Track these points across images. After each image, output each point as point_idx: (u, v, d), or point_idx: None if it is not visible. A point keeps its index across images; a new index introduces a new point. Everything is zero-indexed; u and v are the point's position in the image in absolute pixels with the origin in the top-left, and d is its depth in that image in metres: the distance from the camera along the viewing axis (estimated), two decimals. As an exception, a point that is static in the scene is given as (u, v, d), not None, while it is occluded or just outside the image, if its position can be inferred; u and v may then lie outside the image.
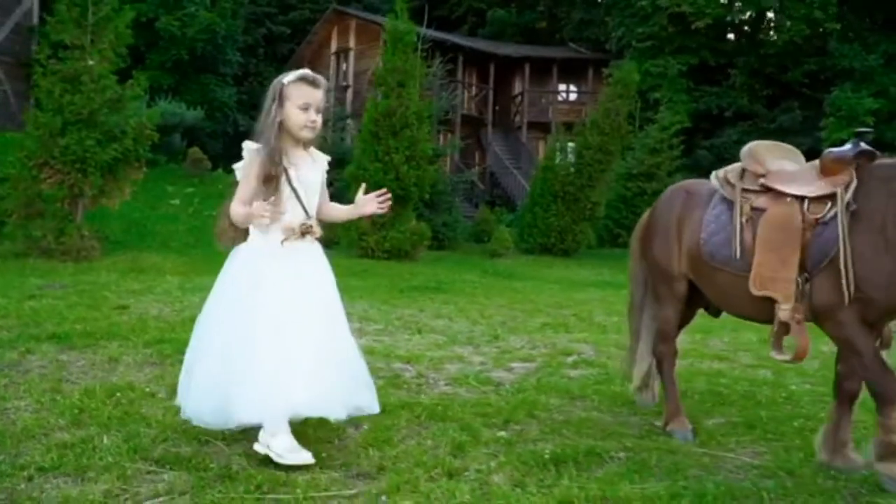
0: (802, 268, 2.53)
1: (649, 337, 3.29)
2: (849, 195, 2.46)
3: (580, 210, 15.60)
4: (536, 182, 16.18)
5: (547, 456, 2.47)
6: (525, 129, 24.94)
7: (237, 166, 2.54)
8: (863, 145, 2.55)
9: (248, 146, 2.49)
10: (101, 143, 9.32)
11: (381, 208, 2.64)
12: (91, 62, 9.59)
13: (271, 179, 2.43)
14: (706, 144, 23.14)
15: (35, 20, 18.54)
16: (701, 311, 3.31)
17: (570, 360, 4.58)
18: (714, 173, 2.96)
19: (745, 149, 2.87)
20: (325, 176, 2.64)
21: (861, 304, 2.42)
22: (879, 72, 21.03)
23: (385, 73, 12.54)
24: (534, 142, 24.78)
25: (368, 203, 2.63)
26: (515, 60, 24.94)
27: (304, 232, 2.49)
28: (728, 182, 2.83)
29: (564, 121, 21.64)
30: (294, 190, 2.48)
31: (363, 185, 2.70)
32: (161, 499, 1.98)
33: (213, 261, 2.52)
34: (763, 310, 2.66)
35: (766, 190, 2.69)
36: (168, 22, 20.06)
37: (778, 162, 2.77)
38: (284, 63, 25.86)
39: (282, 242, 2.44)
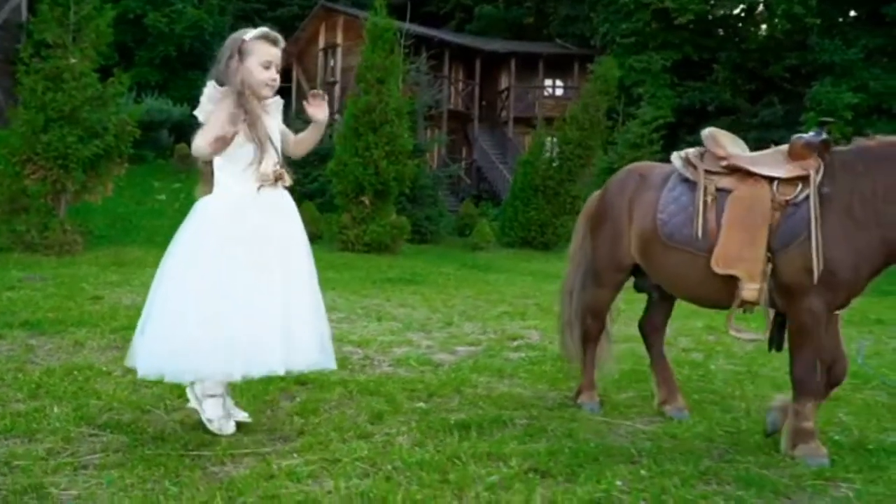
0: (767, 247, 2.60)
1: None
2: (819, 178, 2.59)
3: (560, 204, 15.90)
4: (517, 177, 16.49)
5: (453, 422, 2.76)
6: (511, 124, 25.18)
7: (198, 110, 2.48)
8: (825, 134, 2.69)
9: (214, 86, 2.46)
10: (82, 139, 9.56)
11: (322, 104, 2.63)
12: (73, 60, 9.80)
13: (244, 120, 2.40)
14: (690, 139, 23.41)
15: (24, 17, 18.70)
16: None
17: (514, 344, 4.87)
18: (675, 154, 3.01)
19: (707, 132, 2.96)
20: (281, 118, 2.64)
21: (830, 289, 2.53)
22: (859, 66, 21.33)
23: (365, 69, 12.79)
24: (520, 137, 24.99)
25: (315, 111, 2.62)
26: (502, 56, 25.16)
27: (277, 178, 2.50)
28: (690, 163, 2.88)
29: (550, 116, 21.92)
30: (269, 137, 2.50)
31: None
32: (97, 455, 2.26)
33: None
34: (718, 290, 2.72)
35: (732, 171, 2.76)
36: (156, 18, 20.28)
37: (735, 148, 2.89)
38: (273, 59, 26.10)
39: (258, 189, 2.46)
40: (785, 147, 2.78)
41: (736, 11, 22.95)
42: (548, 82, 25.77)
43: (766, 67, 22.85)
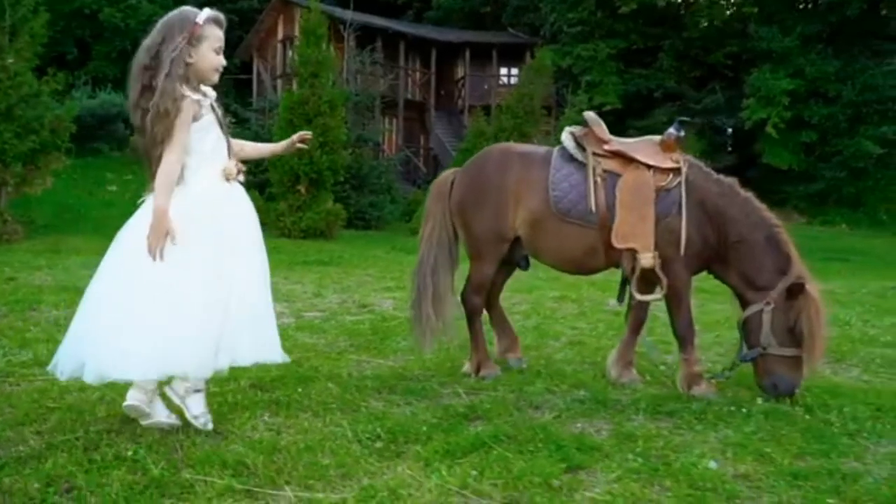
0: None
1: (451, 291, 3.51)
2: (685, 169, 3.24)
3: (498, 189, 16.67)
4: (458, 164, 17.23)
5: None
6: (467, 113, 25.87)
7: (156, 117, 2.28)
8: (683, 132, 3.31)
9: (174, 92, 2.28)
10: (19, 135, 10.22)
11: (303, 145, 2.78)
12: (10, 61, 10.45)
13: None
14: (639, 125, 24.26)
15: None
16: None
17: (360, 310, 5.65)
18: (567, 133, 3.38)
19: (590, 115, 3.40)
20: None
21: (688, 259, 3.18)
22: (796, 53, 22.12)
23: (299, 64, 13.46)
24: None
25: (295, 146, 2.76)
26: (457, 46, 25.81)
27: (240, 171, 2.48)
28: (580, 146, 3.30)
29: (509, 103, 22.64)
30: (223, 128, 2.46)
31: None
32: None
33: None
34: (604, 259, 3.25)
35: (614, 155, 3.24)
36: (111, 13, 20.77)
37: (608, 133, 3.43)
38: (233, 51, 26.61)
39: (228, 180, 2.42)
40: (656, 138, 3.40)
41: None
42: (502, 71, 26.45)
43: (708, 55, 23.63)
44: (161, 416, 2.40)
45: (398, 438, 2.40)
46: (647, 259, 3.15)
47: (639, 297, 3.25)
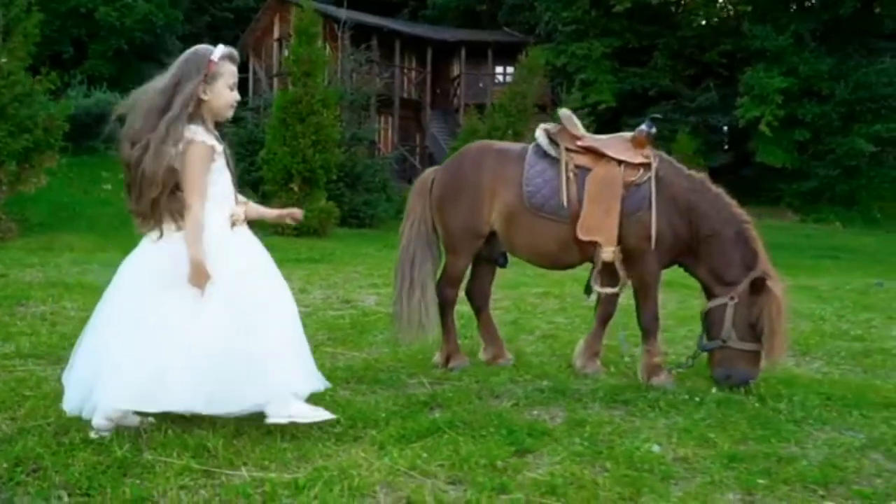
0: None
1: (431, 284, 3.51)
2: (656, 164, 3.35)
3: (491, 187, 16.79)
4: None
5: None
6: (462, 111, 25.95)
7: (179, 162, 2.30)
8: (654, 128, 3.39)
9: (193, 135, 2.31)
10: (12, 134, 10.31)
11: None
12: (4, 60, 10.54)
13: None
14: (634, 123, 24.28)
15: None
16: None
17: (342, 306, 5.76)
18: (541, 131, 3.44)
19: (566, 113, 3.47)
20: None
21: (658, 252, 3.26)
22: (790, 51, 22.23)
23: (292, 63, 13.56)
24: (472, 123, 25.78)
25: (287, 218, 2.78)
26: (452, 45, 25.91)
27: (247, 217, 2.51)
28: (553, 142, 3.39)
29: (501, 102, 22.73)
30: (231, 171, 2.44)
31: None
32: None
33: (126, 240, 2.70)
34: (577, 253, 3.32)
35: (586, 151, 3.32)
36: (106, 13, 20.84)
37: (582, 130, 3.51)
38: (230, 50, 26.72)
39: (232, 227, 2.42)
40: (628, 134, 3.49)
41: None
42: (498, 69, 26.53)
43: (703, 53, 23.73)
44: (133, 423, 2.38)
45: (357, 424, 2.51)
46: (607, 253, 3.27)
47: (597, 289, 3.36)
